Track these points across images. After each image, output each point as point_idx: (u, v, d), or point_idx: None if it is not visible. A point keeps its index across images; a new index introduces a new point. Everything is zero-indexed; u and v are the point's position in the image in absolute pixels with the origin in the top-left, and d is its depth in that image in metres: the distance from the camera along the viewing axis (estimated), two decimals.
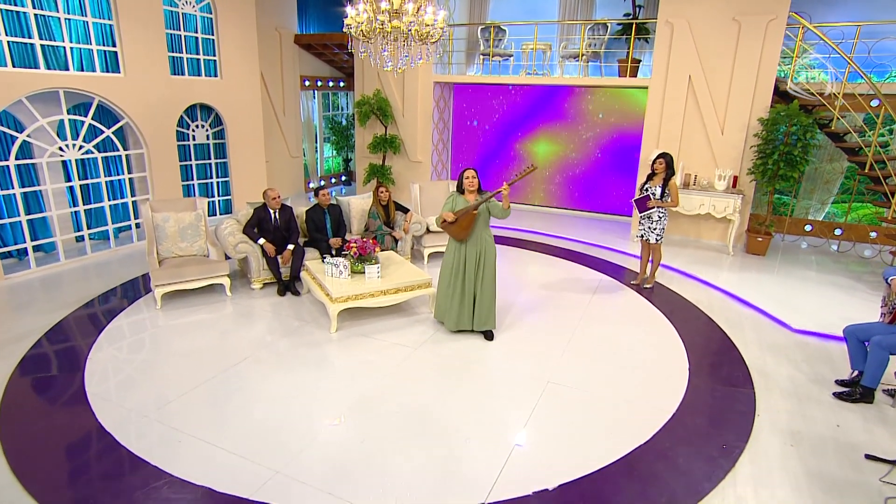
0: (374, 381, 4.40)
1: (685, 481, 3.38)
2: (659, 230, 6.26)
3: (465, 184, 4.97)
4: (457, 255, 5.09)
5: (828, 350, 5.20)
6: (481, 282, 5.06)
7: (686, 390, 4.39)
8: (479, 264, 5.02)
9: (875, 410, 4.24)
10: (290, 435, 3.70)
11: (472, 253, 5.01)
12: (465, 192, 5.02)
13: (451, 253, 5.16)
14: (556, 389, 4.34)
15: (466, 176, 4.97)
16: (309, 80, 11.05)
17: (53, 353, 4.74)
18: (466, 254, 5.03)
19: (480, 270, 5.03)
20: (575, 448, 3.66)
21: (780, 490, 3.33)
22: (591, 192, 10.30)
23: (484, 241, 5.02)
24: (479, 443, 3.68)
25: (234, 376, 4.42)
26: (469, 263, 5.02)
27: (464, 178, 4.99)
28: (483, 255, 5.02)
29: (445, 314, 5.22)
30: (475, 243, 5.00)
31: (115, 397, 4.08)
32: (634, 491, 3.29)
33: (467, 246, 5.02)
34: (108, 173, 7.29)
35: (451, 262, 5.13)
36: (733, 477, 3.43)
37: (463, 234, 4.99)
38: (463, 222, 4.94)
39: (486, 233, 5.04)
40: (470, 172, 4.98)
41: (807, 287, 6.72)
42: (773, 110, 7.45)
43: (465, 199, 5.01)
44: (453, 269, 5.12)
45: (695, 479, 3.40)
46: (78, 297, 5.91)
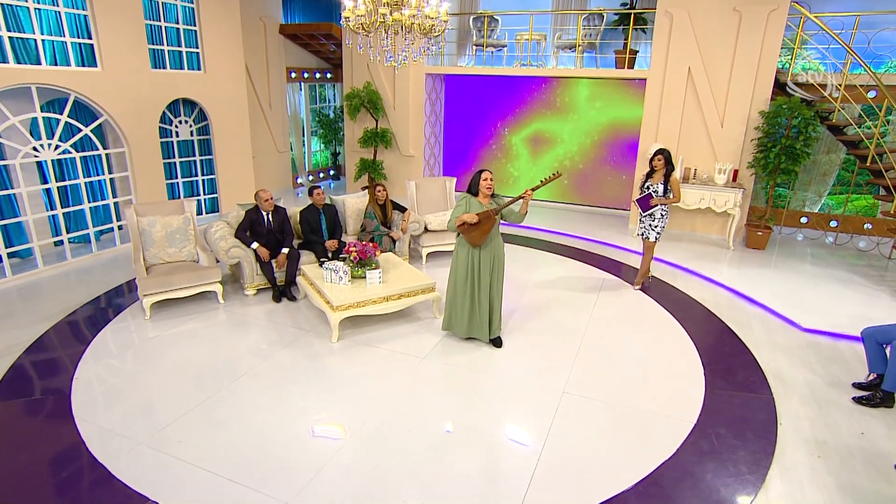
0: (383, 396, 4.17)
1: (717, 500, 3.22)
2: (660, 228, 6.09)
3: (483, 185, 4.66)
4: (469, 262, 4.80)
5: (839, 350, 5.10)
6: (495, 288, 4.82)
7: (704, 398, 4.24)
8: (493, 270, 4.78)
9: (893, 415, 4.15)
10: (299, 460, 3.45)
11: (486, 259, 4.75)
12: (480, 195, 4.73)
13: (462, 259, 4.84)
14: (572, 401, 4.16)
15: (484, 178, 4.66)
16: (295, 72, 10.62)
17: (36, 372, 4.40)
18: (480, 260, 4.76)
19: (495, 277, 4.79)
20: (600, 466, 3.48)
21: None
22: (588, 185, 10.12)
23: (498, 247, 4.77)
24: (502, 463, 3.49)
25: (234, 394, 4.14)
26: (483, 270, 4.76)
27: (481, 179, 4.68)
28: (496, 260, 4.77)
29: (455, 323, 4.99)
30: (489, 249, 4.74)
31: (105, 422, 3.78)
32: None
33: (481, 252, 4.76)
34: (87, 174, 6.87)
35: (464, 268, 4.83)
36: (765, 495, 3.29)
37: (482, 238, 4.70)
38: (485, 226, 4.66)
39: (499, 239, 4.79)
40: (487, 174, 4.67)
41: (810, 282, 6.64)
42: (774, 103, 7.31)
43: (480, 203, 4.73)
44: (466, 275, 4.83)
45: (726, 498, 3.25)
46: (60, 308, 5.54)
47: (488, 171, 4.73)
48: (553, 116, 10.07)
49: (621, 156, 9.71)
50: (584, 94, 9.76)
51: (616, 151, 9.75)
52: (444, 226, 7.11)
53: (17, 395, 4.08)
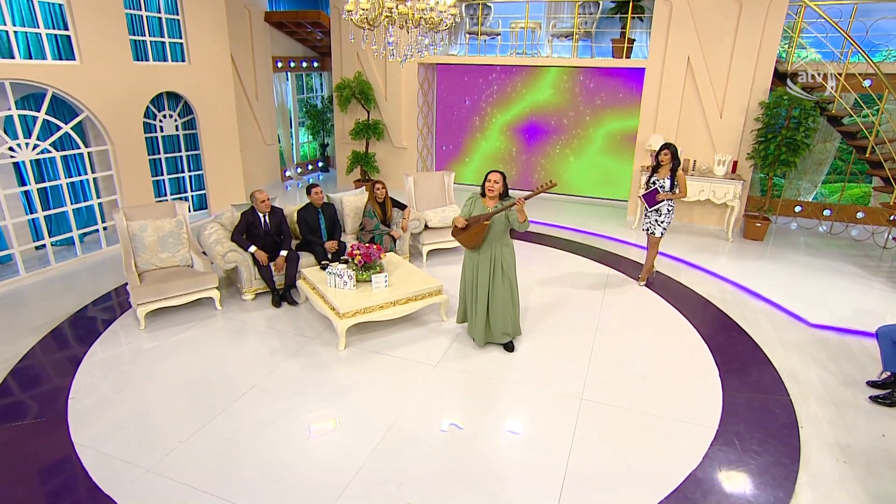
0: (398, 409, 4.00)
1: None
2: (666, 223, 5.98)
3: (487, 187, 4.50)
4: (471, 263, 4.71)
5: (848, 346, 5.08)
6: (496, 291, 4.65)
7: (722, 401, 4.17)
8: (492, 274, 4.61)
9: None
10: (317, 483, 3.28)
11: (484, 263, 4.60)
12: (486, 197, 4.56)
13: (466, 260, 4.79)
14: (592, 408, 4.05)
15: (489, 179, 4.48)
16: (281, 62, 10.21)
17: (26, 394, 4.12)
18: (479, 264, 4.63)
19: (497, 280, 4.63)
20: (628, 478, 3.38)
21: None
22: (584, 175, 9.98)
23: (498, 251, 4.58)
24: (528, 478, 3.36)
25: (241, 412, 3.94)
26: (482, 274, 4.62)
27: (486, 180, 4.52)
28: (497, 264, 4.59)
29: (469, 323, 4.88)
30: (488, 253, 4.58)
31: (108, 447, 3.55)
32: None
33: (480, 255, 4.62)
34: (68, 174, 6.49)
35: (468, 269, 4.76)
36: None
37: (471, 242, 4.56)
38: (472, 231, 4.51)
39: (503, 241, 4.59)
40: (494, 176, 4.48)
41: (811, 275, 6.63)
42: (774, 93, 7.23)
43: (485, 205, 4.56)
44: (469, 277, 4.76)
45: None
46: (46, 319, 5.24)
47: (498, 172, 4.53)
48: (547, 105, 9.87)
49: (618, 146, 9.58)
50: (580, 83, 9.57)
51: (613, 142, 9.61)
52: (444, 223, 6.91)
53: (7, 418, 3.81)
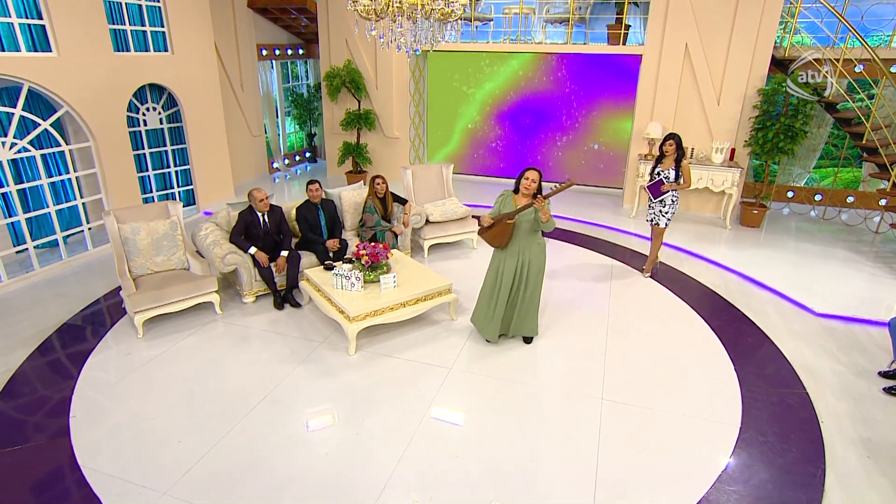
0: (419, 415, 3.86)
1: None
2: (671, 214, 5.92)
3: (523, 185, 4.29)
4: (498, 261, 4.57)
5: (855, 335, 5.12)
6: (521, 293, 4.54)
7: (742, 397, 4.14)
8: (518, 275, 4.48)
9: None
10: (348, 496, 3.14)
11: (510, 263, 4.45)
12: (520, 195, 4.39)
13: (494, 256, 4.63)
14: (614, 409, 3.98)
15: (526, 177, 4.27)
16: (266, 49, 9.79)
17: (24, 414, 3.88)
18: (506, 263, 4.48)
19: (522, 282, 4.50)
20: (658, 482, 3.32)
21: None
22: (579, 163, 9.87)
23: (527, 252, 4.42)
24: (560, 483, 3.27)
25: (256, 425, 3.76)
26: (506, 274, 4.48)
27: (522, 178, 4.31)
28: (524, 266, 4.45)
29: (481, 321, 4.76)
30: (515, 253, 4.43)
31: (118, 470, 3.34)
32: None
33: (506, 254, 4.47)
34: (48, 173, 6.11)
35: (493, 265, 4.61)
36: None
37: (496, 241, 4.43)
38: (496, 230, 4.37)
39: (531, 241, 4.42)
40: (532, 174, 4.25)
41: (810, 262, 6.66)
42: (773, 80, 7.18)
43: (516, 203, 4.39)
44: (490, 276, 4.63)
45: None
46: (36, 329, 4.95)
47: (535, 170, 4.30)
48: (541, 92, 9.69)
49: (613, 133, 9.48)
50: (574, 69, 9.41)
51: (607, 129, 9.50)
52: (445, 217, 6.75)
53: (6, 442, 3.57)
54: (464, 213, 6.87)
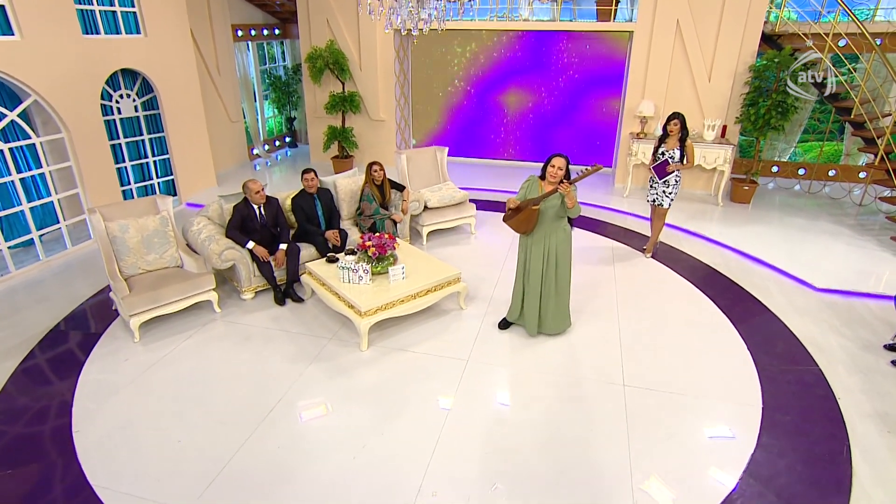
0: (442, 413, 3.73)
1: (819, 494, 3.13)
2: (674, 194, 5.88)
3: (550, 172, 4.12)
4: (524, 249, 4.45)
5: (855, 309, 5.20)
6: (553, 281, 4.42)
7: (758, 377, 4.16)
8: (546, 262, 4.36)
9: None
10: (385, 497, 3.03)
11: (537, 250, 4.34)
12: (546, 181, 4.23)
13: (520, 245, 4.50)
14: (636, 395, 3.93)
15: (552, 164, 4.10)
16: (241, 30, 9.27)
17: (23, 432, 3.59)
18: (532, 251, 4.37)
19: (551, 268, 4.38)
20: (692, 466, 3.29)
21: None
22: (568, 143, 9.74)
23: (552, 237, 4.30)
24: (597, 474, 3.21)
25: (275, 429, 3.57)
26: (534, 261, 4.37)
27: (549, 164, 4.14)
28: (551, 252, 4.34)
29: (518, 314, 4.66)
30: (541, 239, 4.31)
31: (134, 487, 3.13)
32: None
33: (532, 241, 4.35)
34: (19, 169, 5.66)
35: (521, 254, 4.49)
36: (859, 482, 3.25)
37: (521, 227, 4.29)
38: (522, 216, 4.22)
39: (557, 227, 4.28)
40: (558, 161, 4.08)
41: (804, 237, 6.74)
42: (765, 56, 7.15)
43: (541, 188, 4.23)
44: (522, 264, 4.50)
45: (827, 491, 3.17)
46: (21, 338, 4.61)
47: (562, 156, 4.14)
48: (528, 70, 9.49)
49: (600, 111, 9.37)
50: (562, 47, 9.21)
51: (595, 106, 9.38)
52: (443, 202, 6.56)
53: (8, 464, 3.31)
54: (461, 198, 6.70)
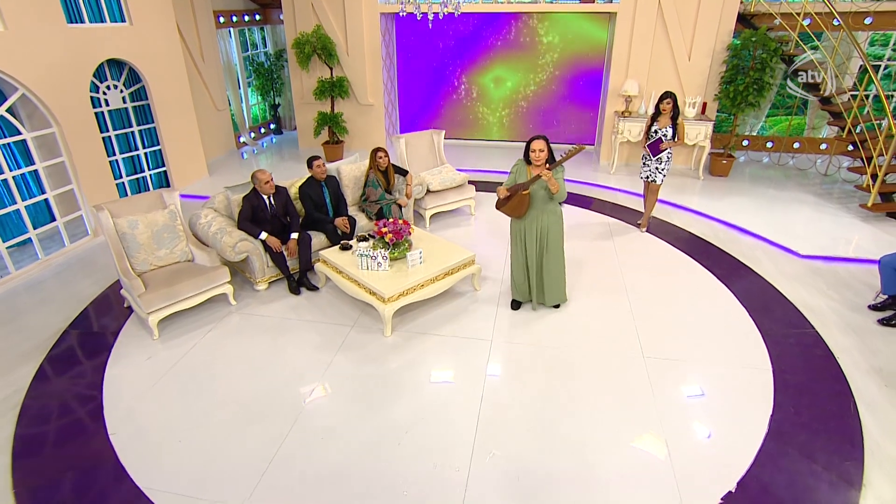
0: (477, 391, 3.69)
1: (836, 448, 3.25)
2: (666, 170, 5.91)
3: (532, 157, 4.08)
4: (517, 231, 4.42)
5: (838, 273, 5.36)
6: (548, 259, 4.42)
7: (764, 342, 4.26)
8: (539, 241, 4.35)
9: None
10: (439, 489, 2.97)
11: (531, 232, 4.33)
12: (532, 165, 4.16)
13: (512, 228, 4.48)
14: (658, 365, 3.98)
15: (533, 148, 4.05)
16: (223, 17, 8.75)
17: (57, 437, 3.37)
18: (526, 231, 4.35)
19: (544, 247, 4.37)
20: (722, 430, 3.35)
21: None
22: (550, 122, 9.67)
23: (543, 218, 4.27)
24: (631, 447, 3.24)
25: (312, 423, 3.46)
26: (529, 241, 4.37)
27: (529, 150, 4.10)
28: (544, 232, 4.32)
29: (519, 291, 4.65)
30: (533, 221, 4.29)
31: (187, 488, 2.98)
32: (801, 470, 3.09)
33: (525, 224, 4.32)
34: (11, 166, 5.24)
35: (514, 236, 4.47)
36: (869, 434, 3.37)
37: (515, 212, 4.26)
38: (514, 201, 4.18)
39: (546, 208, 4.25)
40: (538, 144, 4.05)
41: (781, 207, 6.89)
42: (742, 35, 7.19)
43: (529, 173, 4.17)
44: (515, 246, 4.49)
45: (843, 445, 3.28)
46: (35, 341, 4.32)
47: (541, 138, 4.10)
48: (510, 52, 9.31)
49: (583, 91, 9.31)
50: (542, 28, 9.05)
51: (578, 86, 9.30)
52: (444, 185, 6.43)
53: (53, 471, 3.10)
54: (461, 180, 6.57)
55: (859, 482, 3.05)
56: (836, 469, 3.11)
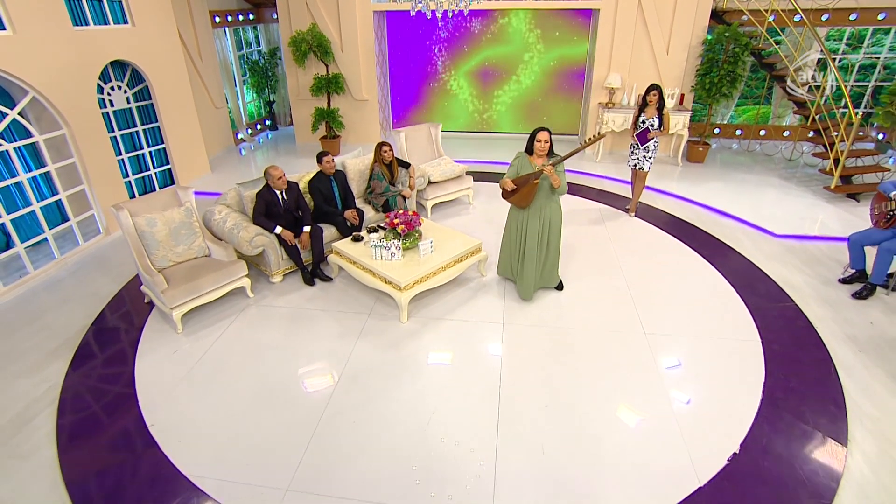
0: (495, 370, 3.75)
1: (823, 409, 3.40)
2: (653, 158, 6.00)
3: (537, 147, 4.10)
4: (517, 223, 4.41)
5: (809, 251, 5.55)
6: (545, 248, 4.45)
7: (752, 315, 4.39)
8: (541, 233, 4.35)
9: (879, 302, 4.62)
10: (465, 459, 3.03)
11: (533, 222, 4.30)
12: (534, 155, 4.18)
13: (511, 218, 4.46)
14: (659, 341, 4.08)
15: (538, 139, 4.07)
16: (219, 17, 8.47)
17: (100, 431, 3.32)
18: (527, 223, 4.33)
19: (545, 238, 4.39)
20: (726, 398, 3.47)
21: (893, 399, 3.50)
22: (537, 114, 9.66)
23: (546, 209, 4.29)
24: (645, 419, 3.34)
25: (344, 405, 3.47)
26: (530, 233, 4.33)
27: (535, 140, 4.11)
28: (546, 223, 4.33)
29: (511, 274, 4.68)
30: (536, 211, 4.27)
31: (227, 473, 2.98)
32: (795, 431, 3.23)
33: (529, 214, 4.30)
34: (25, 168, 5.04)
35: (513, 227, 4.45)
36: (849, 395, 3.53)
37: (523, 202, 4.25)
38: (523, 192, 4.18)
39: (550, 199, 4.27)
40: (543, 135, 4.06)
41: (753, 190, 7.06)
42: (716, 31, 7.28)
43: (532, 164, 4.19)
44: (515, 235, 4.47)
45: (828, 406, 3.44)
46: (61, 339, 4.21)
47: (545, 129, 4.13)
48: (497, 46, 9.25)
49: (568, 83, 9.32)
50: (528, 25, 9.01)
51: (564, 80, 9.31)
52: (444, 176, 6.41)
53: (96, 463, 3.06)
54: (460, 171, 6.56)
55: (845, 439, 3.21)
56: (824, 429, 3.27)
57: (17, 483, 2.91)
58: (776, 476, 2.93)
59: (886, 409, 3.43)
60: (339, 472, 2.98)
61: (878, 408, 3.44)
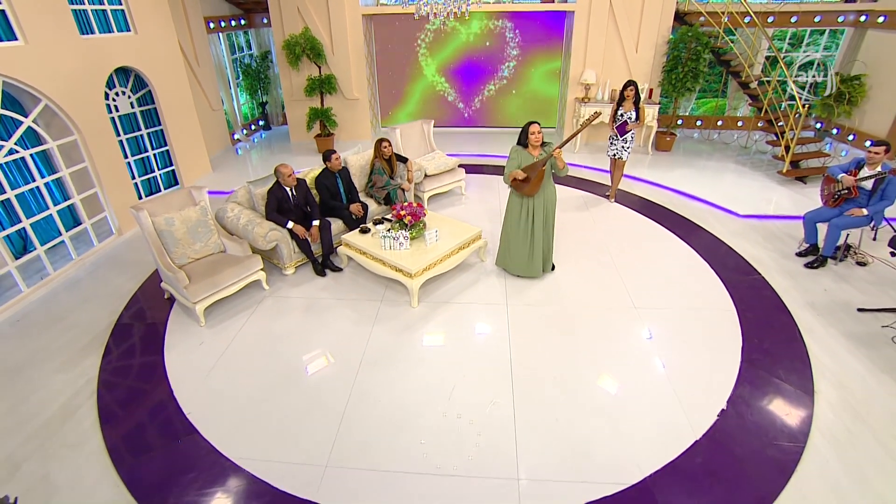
0: (505, 347, 3.84)
1: (791, 366, 3.61)
2: (630, 148, 6.14)
3: (532, 139, 4.18)
4: (523, 210, 4.47)
5: (769, 229, 5.79)
6: (547, 231, 4.56)
7: (726, 288, 4.58)
8: (544, 215, 4.46)
9: (830, 272, 4.88)
10: (495, 436, 3.11)
11: (539, 206, 4.40)
12: (529, 147, 4.25)
13: (515, 206, 4.51)
14: (649, 314, 4.22)
15: (532, 131, 4.17)
16: (213, 22, 8.20)
17: (137, 420, 3.29)
18: (534, 207, 4.42)
19: (549, 219, 4.50)
20: (714, 366, 3.63)
21: (851, 357, 3.71)
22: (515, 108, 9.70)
23: (549, 195, 4.42)
24: (642, 379, 3.49)
25: (368, 390, 3.50)
26: (537, 216, 4.43)
27: (529, 132, 4.19)
28: (548, 205, 4.45)
29: (511, 264, 4.72)
30: (542, 196, 4.38)
31: (269, 454, 3.01)
32: (771, 387, 3.43)
33: (534, 200, 4.39)
34: (42, 173, 4.85)
35: (518, 215, 4.51)
36: (812, 353, 3.75)
37: (533, 190, 4.33)
38: (535, 179, 4.26)
39: (549, 183, 4.40)
40: (535, 127, 4.18)
41: (716, 176, 7.28)
42: (681, 31, 7.43)
43: (529, 154, 4.27)
44: (521, 222, 4.52)
45: (796, 363, 3.64)
46: (89, 337, 4.13)
47: (536, 122, 4.23)
48: (480, 46, 9.23)
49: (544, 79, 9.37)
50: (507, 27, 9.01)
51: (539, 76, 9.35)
52: (439, 169, 6.43)
53: (142, 449, 3.05)
54: (452, 164, 6.59)
55: (811, 389, 3.43)
56: (795, 383, 3.48)
57: (73, 470, 2.89)
58: (760, 426, 3.13)
59: (843, 362, 3.67)
60: (374, 448, 3.04)
61: (837, 362, 3.68)
